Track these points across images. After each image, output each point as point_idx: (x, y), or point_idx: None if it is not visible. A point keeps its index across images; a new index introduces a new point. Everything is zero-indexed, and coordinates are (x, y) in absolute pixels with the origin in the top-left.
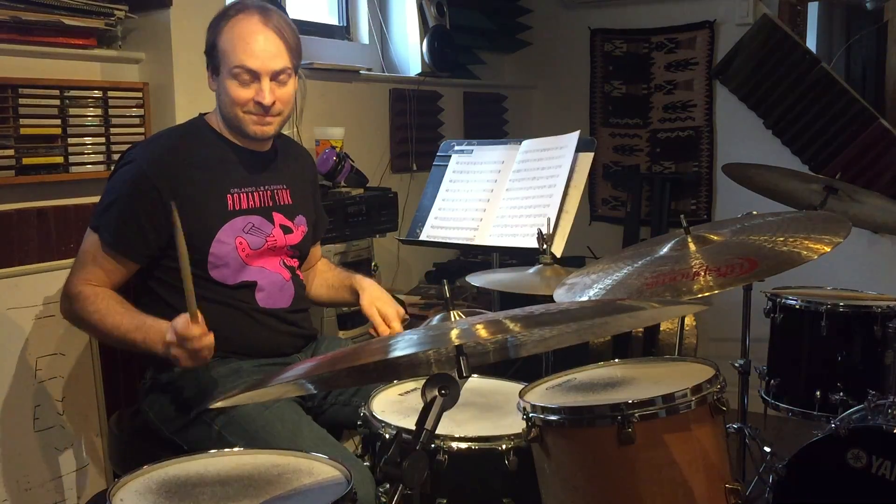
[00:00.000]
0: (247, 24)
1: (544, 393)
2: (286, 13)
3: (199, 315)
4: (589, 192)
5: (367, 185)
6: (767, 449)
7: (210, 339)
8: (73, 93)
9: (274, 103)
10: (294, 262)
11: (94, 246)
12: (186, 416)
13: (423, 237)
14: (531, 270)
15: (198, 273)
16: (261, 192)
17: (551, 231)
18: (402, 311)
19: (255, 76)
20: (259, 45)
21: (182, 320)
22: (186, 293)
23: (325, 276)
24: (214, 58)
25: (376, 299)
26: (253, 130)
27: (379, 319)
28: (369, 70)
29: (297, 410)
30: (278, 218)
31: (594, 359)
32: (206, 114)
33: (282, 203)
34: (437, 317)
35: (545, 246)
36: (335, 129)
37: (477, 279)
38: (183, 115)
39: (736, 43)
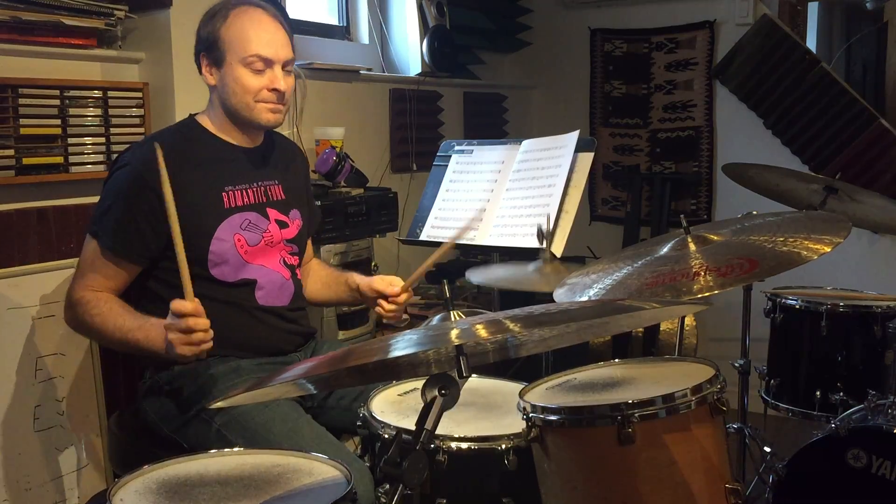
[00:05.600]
0: (253, 15)
1: (544, 393)
2: (285, 12)
3: (194, 297)
4: (589, 192)
5: (367, 185)
6: (767, 449)
7: (205, 322)
8: (73, 93)
9: (285, 91)
10: (294, 261)
11: (94, 252)
12: (186, 414)
13: (423, 237)
14: (531, 266)
15: (198, 272)
16: (255, 189)
17: (551, 228)
18: (400, 280)
19: (268, 64)
20: (270, 35)
21: (178, 300)
22: (182, 277)
23: (319, 275)
24: (216, 50)
25: (373, 280)
26: (266, 118)
27: (382, 284)
28: (369, 70)
29: (297, 409)
30: (273, 213)
31: (594, 359)
32: (196, 114)
33: (275, 198)
34: (437, 317)
35: (544, 242)
36: (335, 129)
37: (476, 275)
38: (183, 114)
39: (736, 43)
